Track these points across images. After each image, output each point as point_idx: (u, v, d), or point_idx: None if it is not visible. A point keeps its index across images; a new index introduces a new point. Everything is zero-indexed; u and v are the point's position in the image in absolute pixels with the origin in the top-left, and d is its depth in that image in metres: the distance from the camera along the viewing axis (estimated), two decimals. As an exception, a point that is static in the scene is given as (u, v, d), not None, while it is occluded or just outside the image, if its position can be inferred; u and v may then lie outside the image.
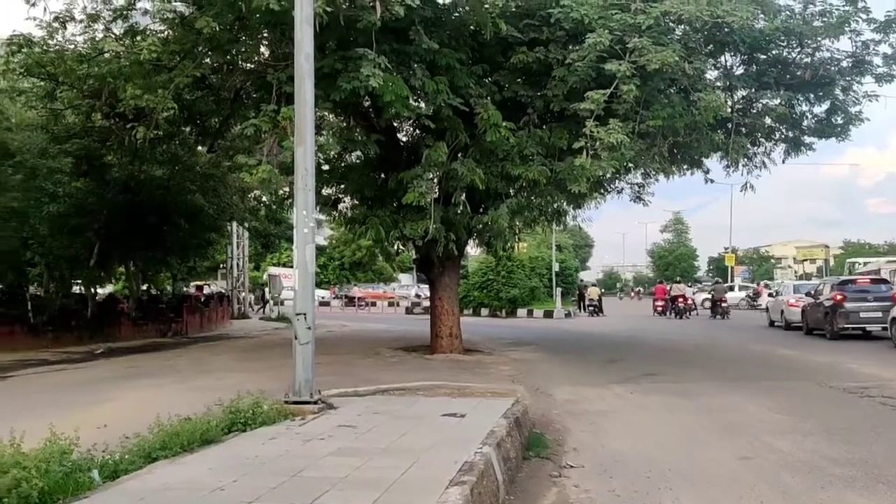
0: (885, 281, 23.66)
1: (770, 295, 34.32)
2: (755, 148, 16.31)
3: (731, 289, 45.01)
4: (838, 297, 20.55)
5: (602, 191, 18.76)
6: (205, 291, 35.70)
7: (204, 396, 8.11)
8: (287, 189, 16.02)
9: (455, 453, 5.40)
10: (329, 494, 4.56)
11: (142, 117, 13.95)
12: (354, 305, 46.53)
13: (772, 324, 27.96)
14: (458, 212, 14.07)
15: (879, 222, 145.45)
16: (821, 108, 15.29)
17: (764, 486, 5.74)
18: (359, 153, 16.26)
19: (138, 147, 16.25)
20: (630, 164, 15.58)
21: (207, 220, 24.95)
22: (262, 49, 14.37)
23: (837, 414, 9.09)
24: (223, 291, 36.37)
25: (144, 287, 28.07)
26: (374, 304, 46.96)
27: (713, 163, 16.87)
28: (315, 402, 7.71)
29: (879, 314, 19.51)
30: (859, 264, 39.26)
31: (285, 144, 10.92)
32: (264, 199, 24.19)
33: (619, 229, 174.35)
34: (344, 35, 11.96)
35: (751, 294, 45.71)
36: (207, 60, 14.05)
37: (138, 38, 13.61)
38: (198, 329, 26.24)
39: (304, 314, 7.96)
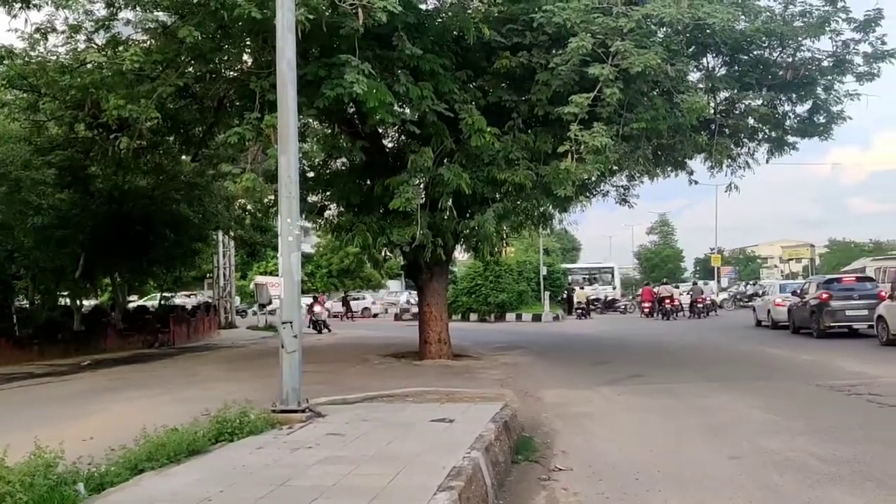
0: (870, 279, 23.83)
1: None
2: (739, 148, 16.39)
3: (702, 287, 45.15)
4: (824, 296, 20.69)
5: (587, 194, 18.84)
6: (190, 301, 35.60)
7: (191, 407, 8.08)
8: (272, 197, 16.00)
9: (443, 459, 5.39)
10: (317, 503, 4.54)
11: (125, 127, 13.86)
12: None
13: (759, 323, 28.10)
14: (445, 217, 14.09)
15: (864, 221, 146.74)
16: (803, 108, 15.39)
17: (753, 486, 5.75)
18: (344, 160, 16.27)
19: (122, 157, 16.18)
20: (614, 167, 15.63)
21: (193, 229, 24.85)
22: (245, 57, 14.34)
23: (825, 412, 9.13)
24: (210, 301, 36.21)
25: (133, 298, 27.93)
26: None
27: (697, 164, 16.96)
28: (303, 411, 7.69)
29: (865, 312, 19.65)
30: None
31: (269, 152, 10.90)
32: (249, 207, 24.12)
33: (606, 232, 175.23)
34: (327, 42, 11.97)
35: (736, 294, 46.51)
36: (190, 69, 14.01)
37: (120, 48, 13.57)
38: (185, 339, 26.10)
39: (291, 322, 7.94)
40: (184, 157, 20.09)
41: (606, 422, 8.93)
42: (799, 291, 24.00)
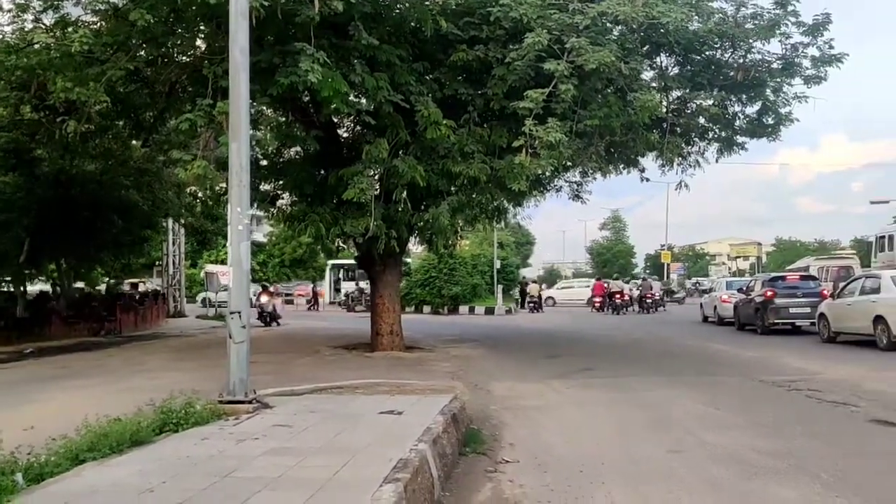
0: (813, 277, 24.50)
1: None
2: (689, 147, 16.66)
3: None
4: (769, 294, 21.24)
5: (541, 189, 19.00)
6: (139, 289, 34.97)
7: (136, 397, 7.95)
8: (224, 185, 15.73)
9: (391, 451, 5.40)
10: (261, 495, 4.51)
11: (73, 110, 13.54)
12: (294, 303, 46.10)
13: (705, 319, 28.71)
14: (399, 209, 14.05)
15: (810, 220, 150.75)
16: (752, 109, 15.66)
17: (693, 478, 5.88)
18: (298, 149, 16.10)
19: (69, 141, 15.77)
20: (568, 163, 15.76)
21: (142, 216, 24.44)
22: (199, 42, 14.08)
23: (766, 407, 9.36)
24: (158, 289, 35.62)
25: (80, 285, 27.34)
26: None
27: (649, 161, 17.19)
28: (250, 402, 7.62)
29: (808, 310, 20.22)
30: None
31: (221, 140, 10.72)
32: (200, 195, 23.75)
33: (560, 226, 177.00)
34: (282, 29, 11.82)
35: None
36: (141, 53, 13.69)
37: (69, 29, 13.17)
38: (132, 328, 25.62)
39: (239, 312, 7.86)
40: (134, 142, 19.67)
41: (555, 415, 9.04)
42: (745, 289, 24.60)
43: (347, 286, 44.70)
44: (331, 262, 45.49)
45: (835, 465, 6.16)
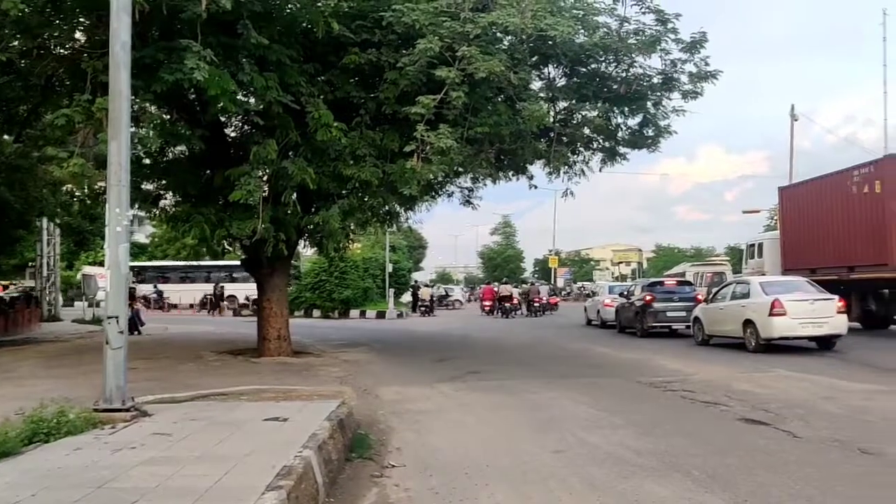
0: (689, 283, 25.81)
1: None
2: (575, 156, 17.11)
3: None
4: (648, 298, 22.17)
5: (433, 193, 19.15)
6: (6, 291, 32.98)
7: (3, 406, 7.53)
8: (102, 184, 15.09)
9: (274, 458, 5.31)
10: (137, 506, 4.36)
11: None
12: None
13: (589, 322, 29.66)
14: (289, 211, 13.87)
15: (687, 228, 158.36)
16: (634, 121, 16.28)
17: (574, 478, 6.05)
18: (183, 148, 15.60)
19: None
20: (459, 169, 15.97)
21: (14, 214, 23.06)
22: (78, 35, 13.44)
23: (643, 408, 9.75)
24: (31, 292, 33.67)
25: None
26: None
27: (537, 169, 17.58)
28: (127, 410, 7.33)
29: (684, 314, 21.25)
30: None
31: (101, 137, 10.30)
32: (78, 193, 22.62)
33: (452, 231, 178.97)
34: (168, 25, 11.46)
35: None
36: (15, 44, 12.94)
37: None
38: (1, 332, 24.11)
39: (117, 317, 7.55)
40: (5, 136, 18.60)
41: (442, 418, 9.11)
42: (626, 293, 25.60)
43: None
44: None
45: (706, 462, 6.47)
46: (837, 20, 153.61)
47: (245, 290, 40.67)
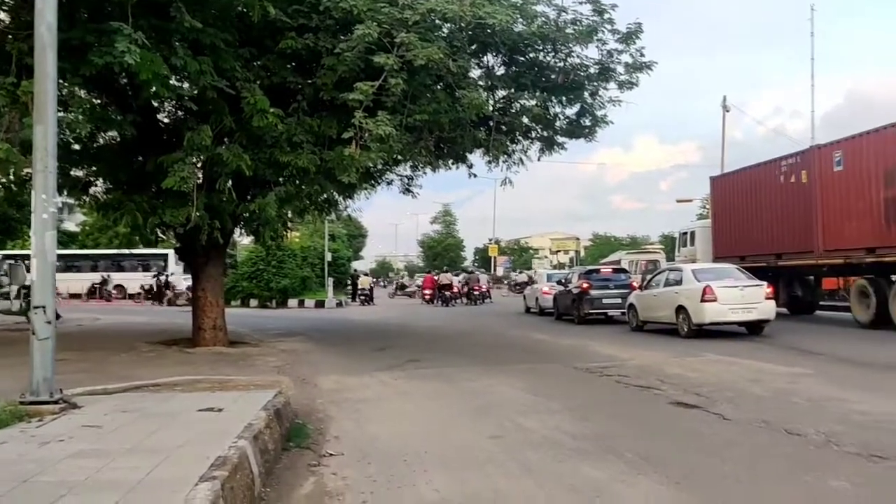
0: (624, 270, 26.29)
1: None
2: (514, 145, 17.21)
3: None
4: (584, 286, 22.53)
5: (372, 181, 19.03)
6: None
7: (-80, 401, 7.17)
8: (29, 170, 14.54)
9: (208, 449, 5.21)
10: (65, 500, 4.21)
11: None
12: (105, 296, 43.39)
13: (528, 310, 29.98)
14: (224, 199, 13.60)
15: (624, 217, 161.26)
16: (572, 111, 16.46)
17: (511, 462, 6.11)
18: (114, 133, 15.14)
19: None
20: (398, 157, 15.90)
21: (-68, 201, 22.02)
22: (2, 15, 12.89)
23: (579, 393, 9.91)
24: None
25: None
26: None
27: (477, 158, 17.65)
28: (56, 402, 7.09)
29: (619, 301, 21.66)
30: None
31: (27, 121, 9.89)
32: (3, 180, 21.75)
33: (392, 220, 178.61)
34: (97, 6, 11.09)
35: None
36: (-69, 23, 12.37)
37: None
38: (-81, 325, 23.08)
39: (44, 307, 7.29)
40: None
41: (381, 407, 9.09)
42: (563, 281, 25.96)
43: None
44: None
45: (639, 445, 6.61)
46: (769, 14, 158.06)
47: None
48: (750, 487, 5.31)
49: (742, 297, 16.64)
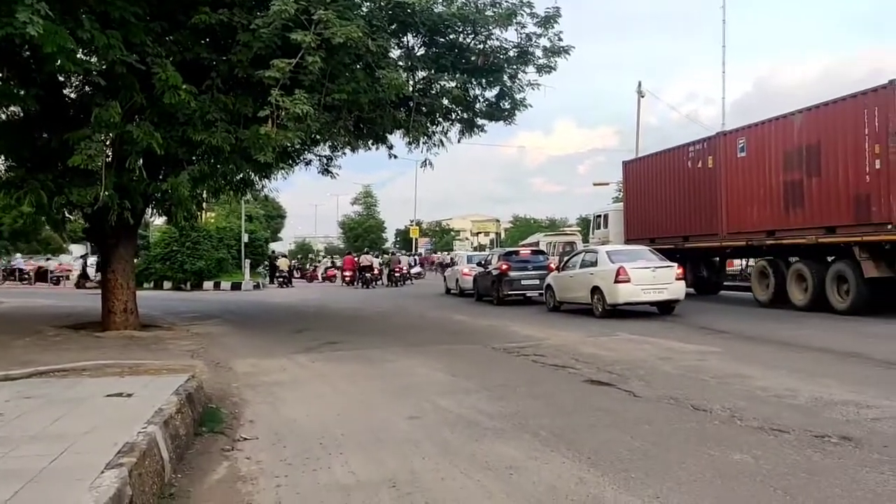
0: (542, 252, 26.74)
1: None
2: (434, 127, 17.20)
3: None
4: (504, 267, 22.81)
5: (290, 161, 18.72)
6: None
7: None
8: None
9: (116, 435, 5.07)
10: (-40, 492, 4.04)
11: None
12: (15, 279, 41.55)
13: (448, 291, 30.17)
14: (134, 178, 13.16)
15: (543, 199, 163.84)
16: (492, 93, 16.59)
17: (428, 443, 6.16)
18: (16, 109, 14.42)
19: None
20: (317, 136, 15.70)
21: None
22: None
23: (497, 373, 10.04)
24: None
25: None
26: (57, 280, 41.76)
27: (397, 139, 17.58)
28: (-48, 390, 6.79)
29: (537, 282, 22.03)
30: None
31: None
32: None
33: (312, 200, 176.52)
34: (-4, -26, 10.46)
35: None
36: None
37: None
38: None
39: (-62, 290, 6.94)
40: None
41: (298, 389, 9.02)
42: (483, 262, 26.23)
43: None
44: None
45: (553, 423, 6.76)
46: (689, 1, 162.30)
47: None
48: (657, 462, 5.50)
49: (654, 278, 17.15)
